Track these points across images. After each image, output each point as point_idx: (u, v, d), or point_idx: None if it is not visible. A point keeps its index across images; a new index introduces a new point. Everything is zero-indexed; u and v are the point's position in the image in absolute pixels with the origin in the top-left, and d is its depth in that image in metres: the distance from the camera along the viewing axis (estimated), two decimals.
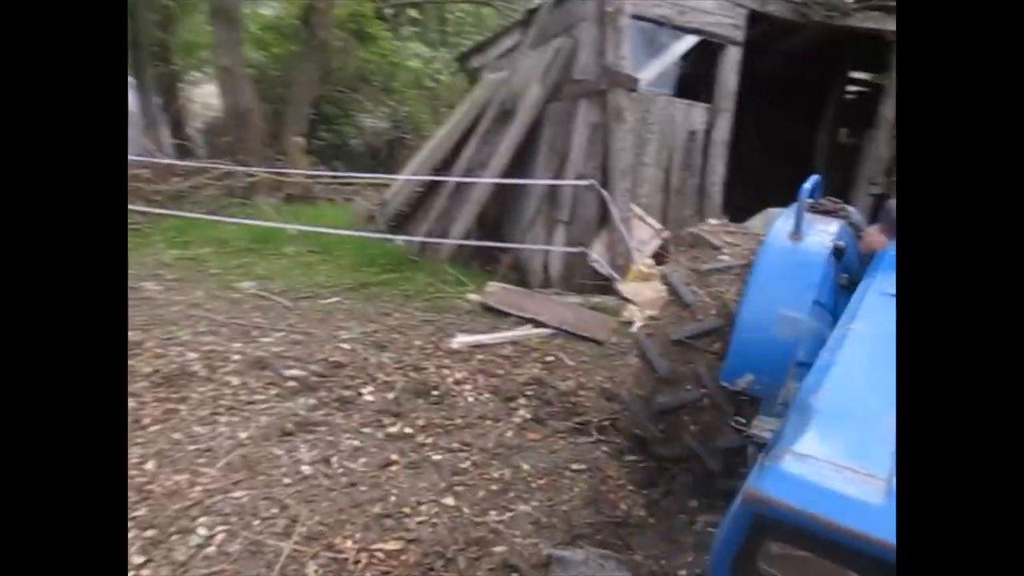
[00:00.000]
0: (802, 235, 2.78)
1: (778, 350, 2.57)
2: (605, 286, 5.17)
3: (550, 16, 5.42)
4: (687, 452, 2.87)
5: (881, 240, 2.57)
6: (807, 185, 2.83)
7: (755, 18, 5.21)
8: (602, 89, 4.77)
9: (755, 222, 4.83)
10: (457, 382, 3.89)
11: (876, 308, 1.41)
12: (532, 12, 6.20)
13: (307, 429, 3.25)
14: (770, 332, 2.60)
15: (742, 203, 5.72)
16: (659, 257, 5.44)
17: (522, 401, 3.79)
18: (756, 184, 6.58)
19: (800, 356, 2.55)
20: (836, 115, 7.65)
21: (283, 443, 3.12)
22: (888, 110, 6.09)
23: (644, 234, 5.24)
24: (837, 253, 2.55)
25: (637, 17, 4.74)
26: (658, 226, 5.28)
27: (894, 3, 5.63)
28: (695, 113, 5.30)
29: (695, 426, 2.84)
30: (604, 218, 5.12)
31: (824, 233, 2.83)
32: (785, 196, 7.16)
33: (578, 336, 4.56)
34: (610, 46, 4.73)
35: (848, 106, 7.53)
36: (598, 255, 5.13)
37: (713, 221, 3.38)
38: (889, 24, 5.66)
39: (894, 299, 1.49)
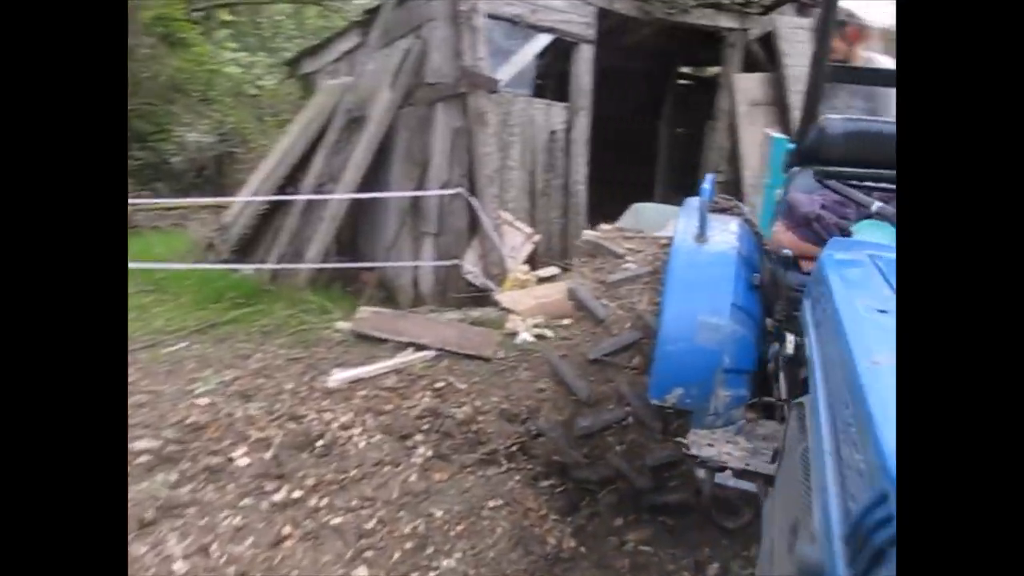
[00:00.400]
0: (707, 237, 2.70)
1: (704, 359, 2.47)
2: (482, 298, 4.93)
3: (393, 16, 5.07)
4: (613, 473, 2.71)
5: (790, 239, 2.53)
6: (706, 185, 2.76)
7: (601, 15, 5.19)
8: (461, 92, 4.50)
9: (627, 219, 4.81)
10: (343, 427, 3.46)
11: (883, 332, 1.26)
12: (371, 12, 5.79)
13: (173, 513, 2.72)
14: (693, 342, 2.48)
15: (599, 199, 5.74)
16: (532, 262, 5.29)
17: (419, 438, 3.45)
18: (608, 179, 6.67)
19: (726, 363, 2.46)
20: (674, 108, 7.96)
21: (145, 536, 2.59)
22: (724, 102, 6.38)
23: (515, 240, 5.06)
24: (787, 262, 2.47)
25: (490, 16, 4.52)
26: (528, 230, 5.12)
27: (727, 1, 5.89)
28: (554, 113, 5.19)
29: (621, 445, 2.67)
30: (474, 227, 4.87)
31: (727, 233, 2.77)
32: (638, 190, 7.34)
33: (464, 355, 4.27)
34: (466, 47, 4.48)
35: (685, 98, 7.87)
36: (471, 266, 4.88)
37: (606, 227, 3.25)
38: (721, 21, 5.91)
39: (887, 316, 1.29)
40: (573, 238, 5.59)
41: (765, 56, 6.47)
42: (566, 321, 4.90)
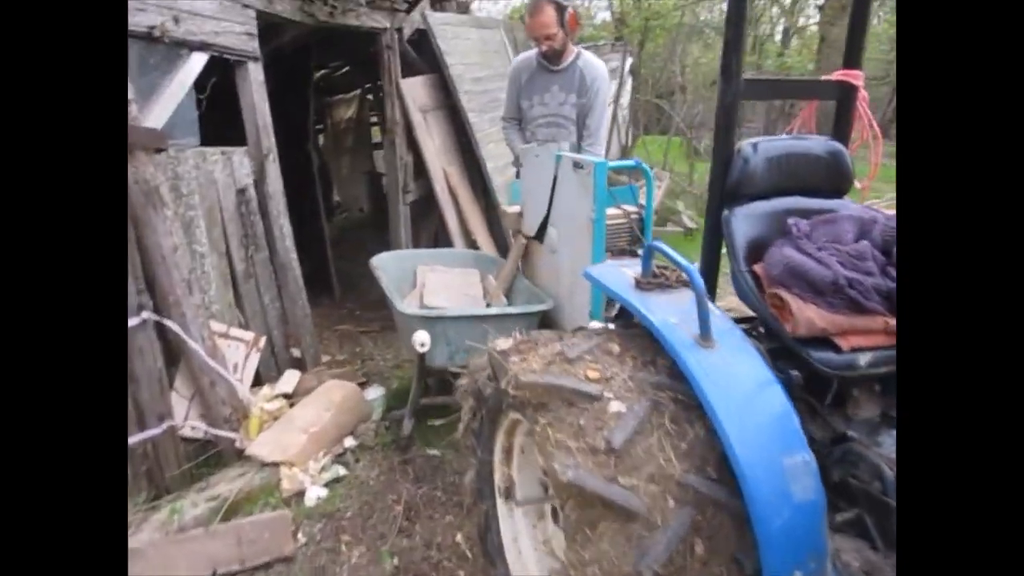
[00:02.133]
0: (713, 339, 1.98)
1: (810, 517, 1.80)
2: (220, 455, 3.29)
3: None
4: None
5: (819, 315, 1.93)
6: (690, 267, 1.98)
7: (258, 19, 3.79)
8: None
9: (383, 278, 3.64)
10: None
11: None
12: None
13: None
14: (793, 500, 1.77)
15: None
16: (259, 375, 3.76)
17: None
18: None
19: (821, 504, 1.83)
20: (324, 125, 6.67)
21: None
22: (394, 111, 5.50)
23: (237, 355, 3.48)
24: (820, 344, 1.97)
25: None
26: (248, 336, 3.59)
27: (398, 1, 4.97)
28: (237, 163, 3.66)
29: None
30: (175, 359, 3.17)
31: (730, 327, 2.05)
32: (313, 233, 5.98)
33: (256, 569, 2.73)
34: None
35: (333, 111, 6.62)
36: (191, 419, 3.18)
37: (507, 340, 2.22)
38: (377, 20, 4.97)
39: None
40: (299, 323, 4.16)
41: (417, 57, 5.76)
42: (349, 442, 3.60)
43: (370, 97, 10.17)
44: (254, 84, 3.76)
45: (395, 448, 3.60)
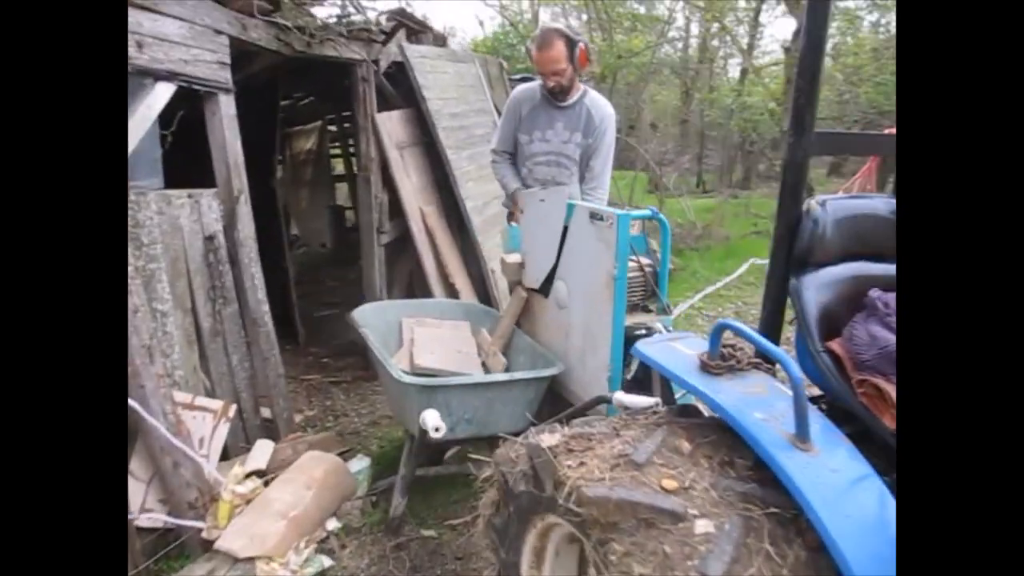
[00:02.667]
0: (812, 441, 1.71)
1: None
2: (186, 546, 2.82)
3: None
4: None
5: None
6: (784, 357, 1.69)
7: (231, 47, 3.40)
8: None
9: (367, 326, 3.24)
10: None
11: None
12: None
13: None
14: None
15: None
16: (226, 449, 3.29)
17: None
18: None
19: None
20: (283, 157, 6.23)
21: None
22: (369, 147, 5.13)
23: (203, 427, 3.03)
24: None
25: None
26: (215, 404, 3.14)
27: (375, 31, 4.64)
28: (205, 207, 3.23)
29: None
30: (129, 440, 2.71)
31: (821, 421, 1.77)
32: (276, 275, 5.54)
33: None
34: None
35: (292, 142, 6.18)
36: (149, 504, 2.71)
37: (562, 431, 1.89)
38: (353, 51, 4.64)
39: None
40: (272, 384, 3.71)
41: (393, 90, 5.43)
42: (332, 524, 3.17)
43: (332, 128, 9.78)
44: (225, 118, 3.36)
45: (385, 529, 3.17)
